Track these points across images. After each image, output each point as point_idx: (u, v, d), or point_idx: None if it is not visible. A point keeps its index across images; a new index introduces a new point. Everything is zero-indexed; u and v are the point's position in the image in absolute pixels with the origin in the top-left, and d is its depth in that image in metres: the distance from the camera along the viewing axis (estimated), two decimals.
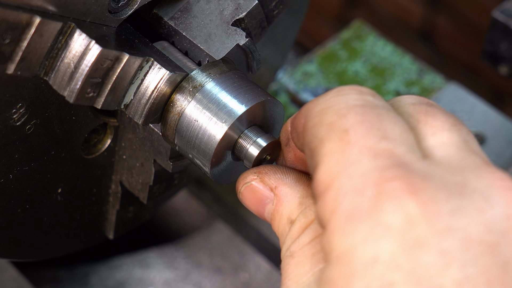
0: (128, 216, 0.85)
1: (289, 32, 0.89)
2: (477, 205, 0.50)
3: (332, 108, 0.56)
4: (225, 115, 0.68)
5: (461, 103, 1.05)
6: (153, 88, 0.68)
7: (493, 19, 1.01)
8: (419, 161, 0.52)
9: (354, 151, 0.52)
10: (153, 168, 0.78)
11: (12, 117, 0.68)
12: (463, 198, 0.51)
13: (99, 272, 0.94)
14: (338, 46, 1.12)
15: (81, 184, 0.79)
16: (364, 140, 0.53)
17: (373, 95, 0.57)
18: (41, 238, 0.80)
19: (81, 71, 0.65)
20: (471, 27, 1.97)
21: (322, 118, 0.56)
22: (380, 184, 0.50)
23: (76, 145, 0.76)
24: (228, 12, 0.72)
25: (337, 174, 0.52)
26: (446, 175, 0.52)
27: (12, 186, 0.73)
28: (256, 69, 0.76)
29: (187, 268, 0.96)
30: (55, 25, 0.63)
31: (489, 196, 0.51)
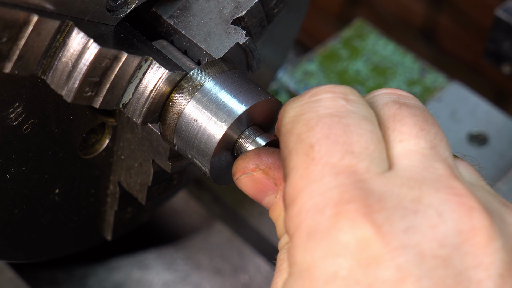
0: (126, 217, 0.85)
1: (290, 30, 0.89)
2: (430, 222, 0.54)
3: (302, 117, 0.59)
4: (224, 114, 0.68)
5: (464, 102, 1.05)
6: (152, 88, 0.69)
7: (495, 18, 1.01)
8: (379, 178, 0.56)
9: (317, 169, 0.56)
10: (152, 168, 0.78)
11: (9, 116, 0.68)
12: (417, 216, 0.54)
13: (97, 273, 0.94)
14: (339, 45, 1.11)
15: (79, 184, 0.79)
16: (328, 157, 0.56)
17: (346, 99, 0.59)
18: (39, 239, 0.80)
19: (79, 70, 0.65)
20: (474, 26, 1.97)
21: (293, 126, 0.59)
22: (338, 205, 0.54)
23: (74, 145, 0.76)
24: (228, 11, 0.72)
25: (300, 191, 0.56)
26: (403, 191, 0.55)
27: (9, 186, 0.73)
28: (256, 68, 0.76)
29: (187, 269, 0.96)
30: (53, 23, 0.63)
31: (442, 211, 0.54)
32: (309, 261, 0.54)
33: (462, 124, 1.02)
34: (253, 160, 0.66)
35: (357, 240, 0.53)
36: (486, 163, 0.98)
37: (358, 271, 0.53)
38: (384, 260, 0.53)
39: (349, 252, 0.53)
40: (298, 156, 0.57)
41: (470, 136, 1.02)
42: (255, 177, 0.65)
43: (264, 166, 0.65)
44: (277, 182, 0.65)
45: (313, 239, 0.54)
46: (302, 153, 0.57)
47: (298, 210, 0.56)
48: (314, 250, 0.54)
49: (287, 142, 0.59)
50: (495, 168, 0.98)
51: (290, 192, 0.57)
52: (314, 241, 0.54)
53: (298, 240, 0.55)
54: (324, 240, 0.54)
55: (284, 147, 0.59)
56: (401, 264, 0.52)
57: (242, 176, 0.66)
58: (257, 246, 0.98)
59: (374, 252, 0.53)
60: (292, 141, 0.58)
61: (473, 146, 1.01)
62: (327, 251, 0.54)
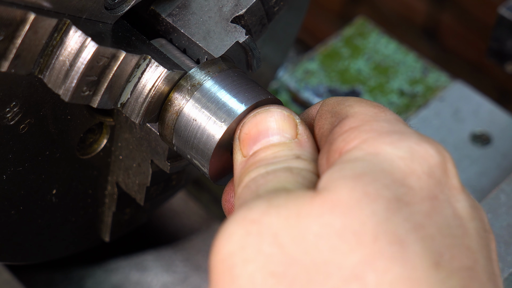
0: (124, 218, 0.85)
1: (290, 29, 0.89)
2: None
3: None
4: (224, 114, 0.68)
5: (467, 102, 1.05)
6: (150, 87, 0.68)
7: (499, 16, 1.00)
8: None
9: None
10: (151, 168, 0.78)
11: (5, 116, 0.68)
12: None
13: (95, 275, 0.94)
14: (340, 44, 1.11)
15: (76, 185, 0.79)
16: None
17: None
18: (35, 241, 0.80)
19: (76, 69, 0.65)
20: (477, 24, 1.97)
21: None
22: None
23: (71, 145, 0.76)
24: (228, 9, 0.72)
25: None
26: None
27: (5, 187, 0.73)
28: (256, 67, 0.75)
29: (186, 271, 0.96)
30: (50, 21, 0.63)
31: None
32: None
33: (465, 123, 1.02)
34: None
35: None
36: (489, 163, 0.98)
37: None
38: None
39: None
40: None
41: (473, 136, 1.01)
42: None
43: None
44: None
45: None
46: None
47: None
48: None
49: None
50: (498, 169, 0.98)
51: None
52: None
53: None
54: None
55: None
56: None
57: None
58: None
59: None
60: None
61: (476, 146, 1.00)
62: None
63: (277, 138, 0.62)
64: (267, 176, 0.59)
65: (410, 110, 1.04)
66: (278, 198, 0.55)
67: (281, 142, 0.62)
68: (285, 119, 0.63)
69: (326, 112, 0.62)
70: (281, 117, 0.63)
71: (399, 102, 1.05)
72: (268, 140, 0.62)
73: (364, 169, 0.54)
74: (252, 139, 0.63)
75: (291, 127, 0.63)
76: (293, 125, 0.63)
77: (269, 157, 0.61)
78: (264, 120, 0.64)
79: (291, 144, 0.62)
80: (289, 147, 0.61)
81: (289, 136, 0.62)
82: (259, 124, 0.64)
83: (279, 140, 0.62)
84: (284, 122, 0.63)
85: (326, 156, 0.58)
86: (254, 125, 0.64)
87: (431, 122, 1.02)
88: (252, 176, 0.59)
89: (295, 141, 0.62)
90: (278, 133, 0.62)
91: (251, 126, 0.64)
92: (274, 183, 0.58)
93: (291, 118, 0.63)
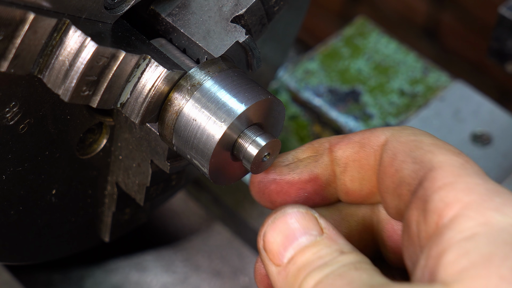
0: (124, 218, 0.85)
1: (290, 29, 0.89)
2: None
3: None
4: (224, 114, 0.68)
5: (467, 102, 1.04)
6: (150, 87, 0.68)
7: (499, 16, 1.00)
8: None
9: None
10: (150, 169, 0.78)
11: (5, 116, 0.68)
12: None
13: (95, 275, 0.94)
14: (340, 44, 1.11)
15: (76, 185, 0.79)
16: None
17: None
18: (35, 241, 0.80)
19: (76, 68, 0.65)
20: (477, 24, 1.97)
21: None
22: None
23: (71, 145, 0.76)
24: (228, 9, 0.72)
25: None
26: None
27: (5, 187, 0.73)
28: (256, 67, 0.75)
29: (185, 271, 0.96)
30: (50, 21, 0.63)
31: None
32: None
33: (466, 123, 1.02)
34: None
35: None
36: (489, 164, 0.98)
37: None
38: None
39: None
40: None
41: (474, 136, 1.01)
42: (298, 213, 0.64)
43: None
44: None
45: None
46: None
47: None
48: None
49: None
50: (499, 169, 0.98)
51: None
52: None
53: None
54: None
55: None
56: None
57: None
58: (257, 248, 0.97)
59: None
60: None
61: (477, 146, 1.00)
62: None
63: (307, 238, 0.61)
64: (337, 280, 0.57)
65: (411, 110, 1.04)
66: None
67: (312, 241, 0.60)
68: (305, 217, 0.62)
69: (404, 154, 0.60)
70: (301, 216, 0.62)
71: (399, 102, 1.05)
72: (299, 243, 0.61)
73: (490, 249, 0.53)
74: (280, 246, 0.61)
75: (314, 223, 0.62)
76: (315, 221, 0.62)
77: (314, 258, 0.59)
78: (285, 224, 0.62)
79: (324, 241, 0.60)
80: (325, 244, 0.60)
81: (315, 233, 0.61)
82: (282, 229, 0.62)
83: (309, 241, 0.61)
84: (305, 220, 0.62)
85: (422, 215, 0.57)
86: (277, 232, 0.62)
87: (432, 122, 1.02)
88: (311, 283, 0.58)
89: (325, 237, 0.61)
90: (305, 233, 0.61)
91: (274, 233, 0.62)
92: (357, 283, 0.56)
93: (310, 215, 0.62)
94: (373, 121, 1.03)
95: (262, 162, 0.69)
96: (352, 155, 0.65)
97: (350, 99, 1.05)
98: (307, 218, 0.62)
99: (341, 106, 1.04)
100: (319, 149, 0.66)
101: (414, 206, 0.58)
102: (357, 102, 1.05)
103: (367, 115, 1.03)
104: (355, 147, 0.64)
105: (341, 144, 0.65)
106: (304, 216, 0.62)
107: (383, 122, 1.03)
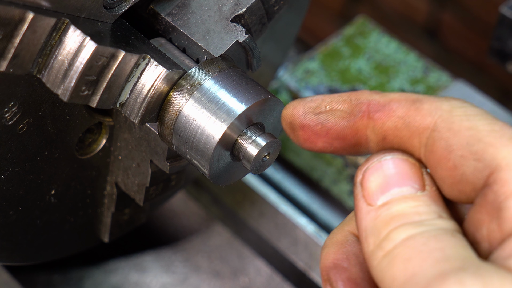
0: (123, 219, 0.84)
1: (290, 28, 0.89)
2: None
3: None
4: (224, 114, 0.68)
5: (468, 101, 1.04)
6: (149, 86, 0.68)
7: (500, 15, 1.00)
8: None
9: None
10: (150, 169, 0.77)
11: (4, 116, 0.68)
12: None
13: (94, 276, 0.94)
14: (340, 43, 1.11)
15: (75, 185, 0.79)
16: None
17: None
18: (34, 241, 0.79)
19: (75, 68, 0.65)
20: (478, 23, 1.97)
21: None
22: None
23: (70, 145, 0.76)
24: (227, 8, 0.72)
25: None
26: None
27: (4, 187, 0.73)
28: (256, 66, 0.75)
29: (185, 272, 0.96)
30: (49, 21, 0.63)
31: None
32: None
33: None
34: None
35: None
36: None
37: None
38: None
39: None
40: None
41: None
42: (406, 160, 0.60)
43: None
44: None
45: None
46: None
47: None
48: None
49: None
50: None
51: None
52: None
53: None
54: None
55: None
56: None
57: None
58: (257, 248, 0.98)
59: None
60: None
61: None
62: None
63: (408, 189, 0.58)
64: (432, 241, 0.55)
65: None
66: (492, 278, 0.51)
67: (412, 194, 0.57)
68: (412, 168, 0.58)
69: (461, 148, 0.56)
70: (408, 165, 0.58)
71: None
72: (398, 191, 0.57)
73: None
74: (379, 187, 0.58)
75: (419, 177, 0.58)
76: (420, 175, 0.58)
77: (410, 212, 0.57)
78: (390, 168, 0.59)
79: (424, 199, 0.57)
80: (425, 202, 0.57)
81: (418, 187, 0.58)
82: (385, 172, 0.58)
83: (410, 192, 0.57)
84: (412, 171, 0.58)
85: (495, 222, 0.55)
86: (380, 172, 0.59)
87: None
88: (402, 236, 0.55)
89: (427, 194, 0.58)
90: (408, 184, 0.58)
91: (376, 173, 0.59)
92: (452, 250, 0.54)
93: (417, 167, 0.58)
94: None
95: (262, 162, 0.69)
96: (393, 130, 0.59)
97: None
98: (414, 169, 0.58)
99: None
100: (355, 108, 0.60)
101: (484, 211, 0.55)
102: None
103: None
104: (397, 123, 0.59)
105: (381, 114, 0.59)
106: (412, 167, 0.58)
107: None
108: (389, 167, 0.58)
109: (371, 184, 0.58)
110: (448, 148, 0.57)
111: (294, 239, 0.95)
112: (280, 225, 0.96)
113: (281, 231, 0.96)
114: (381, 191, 0.58)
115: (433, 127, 0.57)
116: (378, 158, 0.59)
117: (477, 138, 0.56)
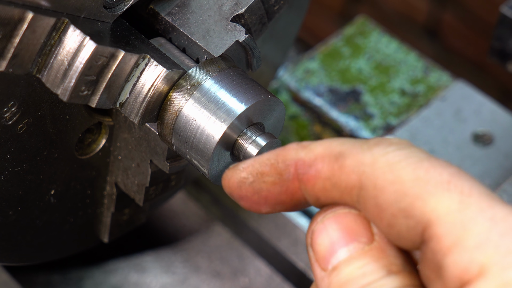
0: (123, 219, 0.84)
1: (291, 28, 0.89)
2: None
3: None
4: (224, 114, 0.68)
5: (468, 101, 1.04)
6: (149, 86, 0.68)
7: (501, 15, 1.00)
8: None
9: None
10: (150, 169, 0.77)
11: (3, 116, 0.68)
12: None
13: (94, 276, 0.94)
14: (341, 43, 1.11)
15: (74, 185, 0.79)
16: None
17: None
18: (34, 242, 0.79)
19: (75, 68, 0.65)
20: (479, 23, 1.97)
21: None
22: None
23: (69, 145, 0.76)
24: (227, 8, 0.71)
25: None
26: None
27: (3, 187, 0.73)
28: (256, 66, 0.75)
29: (185, 272, 0.95)
30: (48, 20, 0.63)
31: None
32: None
33: (467, 123, 1.02)
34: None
35: None
36: (491, 164, 0.98)
37: None
38: None
39: None
40: None
41: (475, 136, 1.01)
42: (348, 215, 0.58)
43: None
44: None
45: None
46: None
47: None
48: None
49: None
50: (500, 169, 0.97)
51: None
52: None
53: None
54: None
55: None
56: None
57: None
58: (257, 249, 0.97)
59: None
60: None
61: (478, 146, 1.00)
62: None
63: (354, 247, 0.55)
64: None
65: (412, 109, 1.04)
66: None
67: (359, 251, 0.55)
68: (356, 220, 0.56)
69: (390, 206, 0.53)
70: (352, 219, 0.56)
71: (400, 101, 1.05)
72: (346, 251, 0.55)
73: None
74: (327, 250, 0.56)
75: (365, 228, 0.56)
76: (367, 226, 0.56)
77: (357, 275, 0.54)
78: (334, 226, 0.56)
79: (372, 253, 0.55)
80: (373, 257, 0.55)
81: (365, 240, 0.55)
82: (330, 231, 0.56)
83: (356, 250, 0.55)
84: (356, 224, 0.56)
85: (440, 281, 0.52)
86: (324, 233, 0.56)
87: (433, 122, 1.01)
88: None
89: (375, 247, 0.55)
90: (354, 239, 0.56)
91: (322, 235, 0.57)
92: None
93: (361, 218, 0.56)
94: (373, 121, 1.02)
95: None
96: (323, 192, 0.57)
97: (351, 99, 1.05)
98: (358, 221, 0.56)
99: (342, 106, 1.04)
100: (284, 171, 0.58)
101: (428, 267, 0.53)
102: (358, 102, 1.04)
103: (368, 115, 1.03)
104: (325, 184, 0.57)
105: (308, 176, 0.57)
106: (356, 219, 0.56)
107: (384, 122, 1.02)
108: (332, 227, 0.56)
109: (320, 247, 0.56)
110: (378, 207, 0.54)
111: (294, 239, 0.95)
112: (280, 226, 0.96)
113: (281, 231, 0.96)
114: (329, 254, 0.56)
115: (360, 185, 0.55)
116: (321, 218, 0.57)
117: (403, 192, 0.53)
